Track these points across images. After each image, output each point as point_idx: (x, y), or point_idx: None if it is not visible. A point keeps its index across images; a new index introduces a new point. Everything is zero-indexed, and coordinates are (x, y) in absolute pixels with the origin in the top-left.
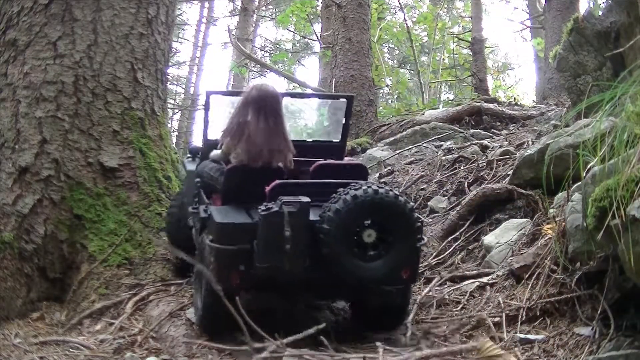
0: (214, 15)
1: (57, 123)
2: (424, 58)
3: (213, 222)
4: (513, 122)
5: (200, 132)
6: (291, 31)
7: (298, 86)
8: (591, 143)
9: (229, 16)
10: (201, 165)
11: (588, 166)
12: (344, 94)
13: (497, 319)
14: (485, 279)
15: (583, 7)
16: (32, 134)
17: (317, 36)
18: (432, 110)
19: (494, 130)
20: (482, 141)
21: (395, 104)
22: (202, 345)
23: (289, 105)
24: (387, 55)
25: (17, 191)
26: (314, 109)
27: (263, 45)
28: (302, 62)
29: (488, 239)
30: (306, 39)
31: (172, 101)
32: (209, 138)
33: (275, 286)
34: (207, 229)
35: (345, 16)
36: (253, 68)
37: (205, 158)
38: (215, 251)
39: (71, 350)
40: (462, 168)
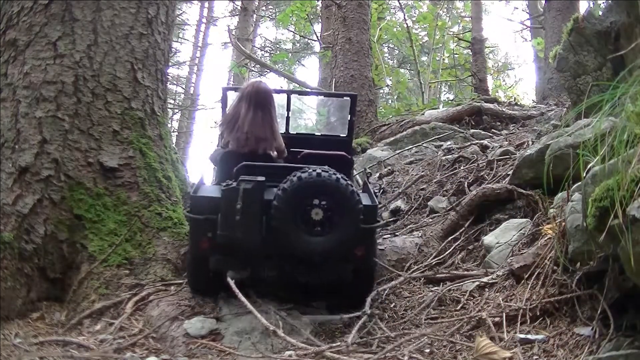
0: (214, 15)
1: (57, 123)
2: (424, 58)
3: (190, 196)
4: (513, 122)
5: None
6: (291, 31)
7: (298, 86)
8: (591, 143)
9: (229, 16)
10: (213, 152)
11: (588, 166)
12: (348, 93)
13: (497, 319)
14: (485, 279)
15: (583, 7)
16: (32, 134)
17: (317, 36)
18: (432, 110)
19: (494, 130)
20: (482, 141)
21: (395, 104)
22: (202, 345)
23: (296, 102)
24: (387, 55)
25: (17, 191)
26: (321, 107)
27: (263, 45)
28: (302, 62)
29: (488, 239)
30: (306, 39)
31: (172, 101)
32: None
33: (237, 253)
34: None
35: (345, 16)
36: (253, 68)
37: None
38: (189, 220)
39: (71, 350)
40: (462, 168)
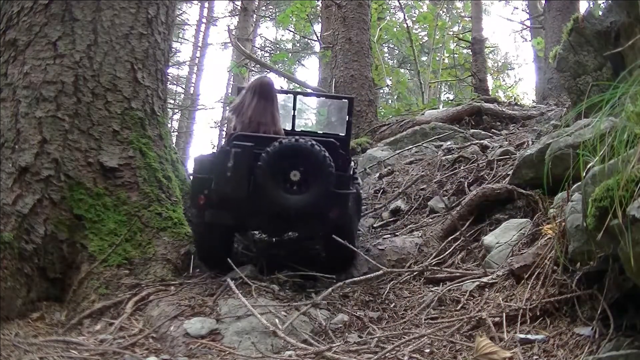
0: (214, 15)
1: (57, 123)
2: (424, 58)
3: (194, 159)
4: (513, 122)
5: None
6: (291, 31)
7: (298, 86)
8: (591, 143)
9: (229, 16)
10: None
11: (588, 166)
12: (345, 95)
13: (497, 319)
14: (485, 279)
15: (583, 7)
16: (32, 134)
17: (317, 36)
18: (432, 110)
19: (494, 130)
20: (482, 141)
21: (395, 104)
22: (202, 345)
23: (298, 103)
24: (387, 55)
25: (17, 191)
26: (321, 107)
27: (263, 45)
28: (302, 62)
29: (488, 239)
30: (306, 39)
31: (172, 101)
32: None
33: (227, 206)
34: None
35: (345, 16)
36: (253, 68)
37: None
38: (192, 179)
39: (71, 350)
40: (462, 168)
